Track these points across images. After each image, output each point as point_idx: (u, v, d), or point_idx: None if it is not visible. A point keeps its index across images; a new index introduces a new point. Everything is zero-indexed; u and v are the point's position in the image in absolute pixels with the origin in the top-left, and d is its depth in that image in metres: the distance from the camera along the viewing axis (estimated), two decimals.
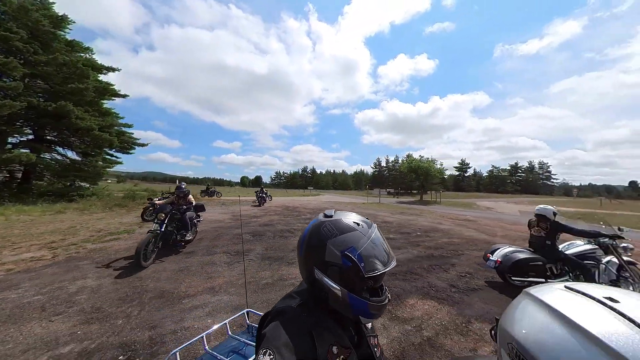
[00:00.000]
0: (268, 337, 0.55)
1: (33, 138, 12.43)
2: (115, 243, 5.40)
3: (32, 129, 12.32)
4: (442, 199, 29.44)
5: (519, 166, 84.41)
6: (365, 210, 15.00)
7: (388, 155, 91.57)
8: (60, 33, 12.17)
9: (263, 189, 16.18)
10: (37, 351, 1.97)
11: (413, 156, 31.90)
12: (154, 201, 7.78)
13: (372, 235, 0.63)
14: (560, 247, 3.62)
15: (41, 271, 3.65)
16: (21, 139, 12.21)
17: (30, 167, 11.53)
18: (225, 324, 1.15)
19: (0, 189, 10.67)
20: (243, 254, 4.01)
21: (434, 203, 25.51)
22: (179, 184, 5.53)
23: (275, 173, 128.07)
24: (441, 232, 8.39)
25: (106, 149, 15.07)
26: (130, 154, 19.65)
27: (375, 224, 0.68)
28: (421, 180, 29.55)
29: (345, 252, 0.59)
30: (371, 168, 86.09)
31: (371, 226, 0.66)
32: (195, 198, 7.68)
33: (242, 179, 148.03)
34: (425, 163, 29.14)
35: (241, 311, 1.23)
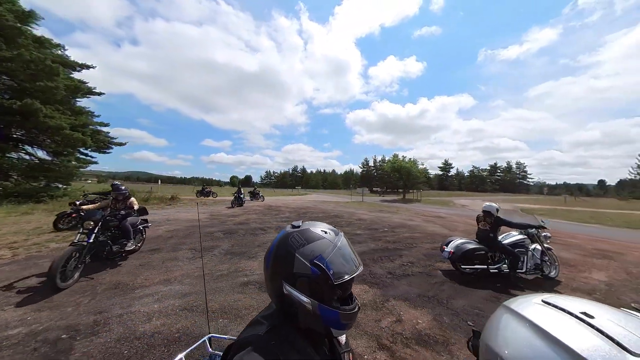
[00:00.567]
0: None
1: None
2: None
3: None
4: (423, 198, 30.67)
5: (498, 166, 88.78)
6: (346, 209, 15.48)
7: (376, 155, 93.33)
8: (27, 28, 11.73)
9: (241, 189, 15.64)
10: None
11: (398, 156, 32.94)
12: (78, 206, 5.83)
13: (339, 243, 0.63)
14: (500, 238, 4.18)
15: None
16: None
17: None
18: (182, 358, 0.86)
19: None
20: (202, 251, 4.25)
21: (416, 201, 26.58)
22: (115, 183, 4.77)
23: (266, 172, 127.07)
24: (407, 228, 8.97)
25: (80, 149, 14.64)
26: (107, 153, 19.12)
27: (342, 232, 0.68)
28: (404, 180, 30.62)
29: (313, 261, 0.58)
30: (359, 167, 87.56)
31: (338, 234, 0.66)
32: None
33: (232, 178, 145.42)
34: (408, 163, 30.24)
35: (202, 339, 1.02)
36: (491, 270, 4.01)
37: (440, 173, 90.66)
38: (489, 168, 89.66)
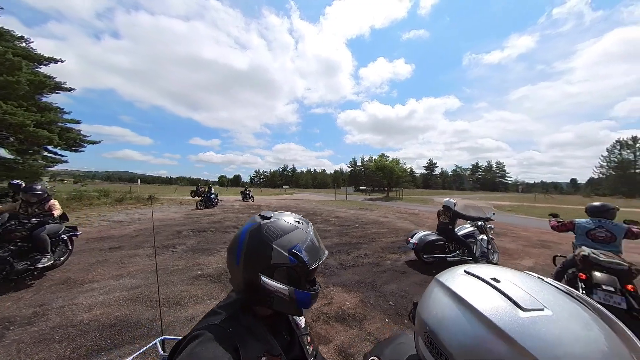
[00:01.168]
0: None
1: None
2: None
3: None
4: (406, 196, 31.67)
5: (480, 166, 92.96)
6: (326, 207, 15.79)
7: (363, 155, 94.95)
8: None
9: (211, 188, 15.09)
10: None
11: (384, 156, 33.75)
12: None
13: (311, 232, 0.67)
14: (456, 229, 4.63)
15: None
16: None
17: None
18: None
19: None
20: (155, 248, 4.30)
21: (398, 199, 27.42)
22: (16, 182, 3.88)
23: (255, 172, 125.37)
24: (378, 224, 9.38)
25: (48, 147, 13.96)
26: (79, 152, 18.30)
27: (310, 222, 0.72)
28: (387, 179, 31.44)
29: (292, 251, 0.61)
30: (347, 167, 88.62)
31: (308, 223, 0.70)
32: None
33: (220, 178, 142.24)
34: (391, 163, 31.07)
35: (153, 341, 0.93)
36: (448, 259, 4.46)
37: (425, 172, 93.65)
38: (471, 167, 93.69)
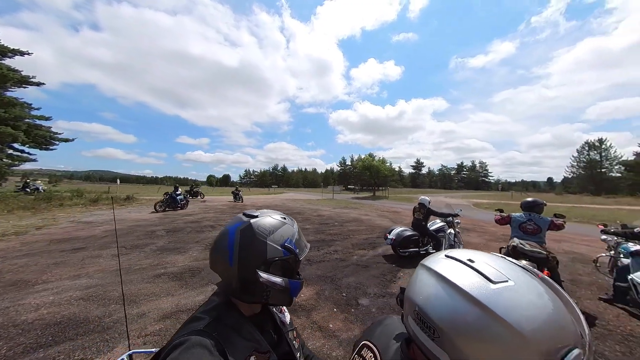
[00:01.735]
0: None
1: None
2: None
3: None
4: (392, 195, 32.37)
5: (464, 165, 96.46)
6: (312, 206, 15.89)
7: (353, 154, 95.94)
8: None
9: (178, 187, 13.07)
10: None
11: (372, 155, 34.28)
12: None
13: (296, 227, 0.73)
14: (428, 225, 4.95)
15: None
16: None
17: None
18: None
19: None
20: (118, 247, 4.25)
21: (384, 198, 27.99)
22: None
23: (245, 171, 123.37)
24: (357, 222, 9.59)
25: (13, 144, 13.17)
26: (50, 150, 17.40)
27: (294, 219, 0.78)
28: (374, 178, 32.01)
29: (284, 244, 0.65)
30: (337, 166, 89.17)
31: (292, 219, 0.75)
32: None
33: (209, 177, 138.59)
34: (377, 162, 31.64)
35: (120, 356, 0.86)
36: (421, 252, 4.75)
37: (413, 171, 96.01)
38: (456, 167, 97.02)
